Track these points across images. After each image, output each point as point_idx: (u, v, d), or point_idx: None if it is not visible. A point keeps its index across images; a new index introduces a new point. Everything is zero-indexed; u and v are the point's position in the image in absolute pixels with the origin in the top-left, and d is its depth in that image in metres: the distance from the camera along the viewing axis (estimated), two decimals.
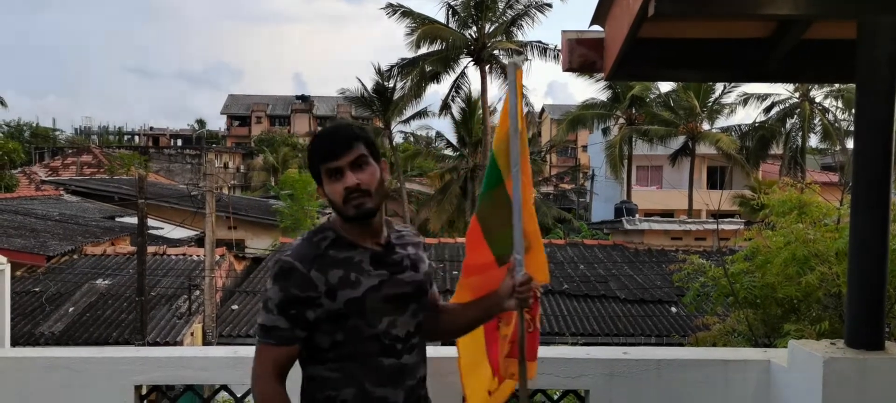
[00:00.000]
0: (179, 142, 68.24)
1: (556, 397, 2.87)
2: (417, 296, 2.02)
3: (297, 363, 1.96)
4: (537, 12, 26.11)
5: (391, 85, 27.96)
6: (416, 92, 27.30)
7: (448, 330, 2.24)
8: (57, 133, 67.34)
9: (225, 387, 2.81)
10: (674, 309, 13.60)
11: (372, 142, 1.97)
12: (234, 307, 14.43)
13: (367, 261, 1.93)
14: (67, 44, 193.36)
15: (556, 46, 25.68)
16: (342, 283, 1.88)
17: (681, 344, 9.67)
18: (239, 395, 2.82)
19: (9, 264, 5.64)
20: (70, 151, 43.46)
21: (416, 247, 2.11)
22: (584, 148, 48.85)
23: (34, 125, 64.35)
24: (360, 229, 1.96)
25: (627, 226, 20.05)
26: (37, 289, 13.74)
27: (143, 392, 2.80)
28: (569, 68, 2.90)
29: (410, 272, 2.01)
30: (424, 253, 2.13)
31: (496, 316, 2.27)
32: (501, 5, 26.17)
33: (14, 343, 10.16)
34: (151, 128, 76.44)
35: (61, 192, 26.02)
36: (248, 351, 2.85)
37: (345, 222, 1.96)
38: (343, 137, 1.91)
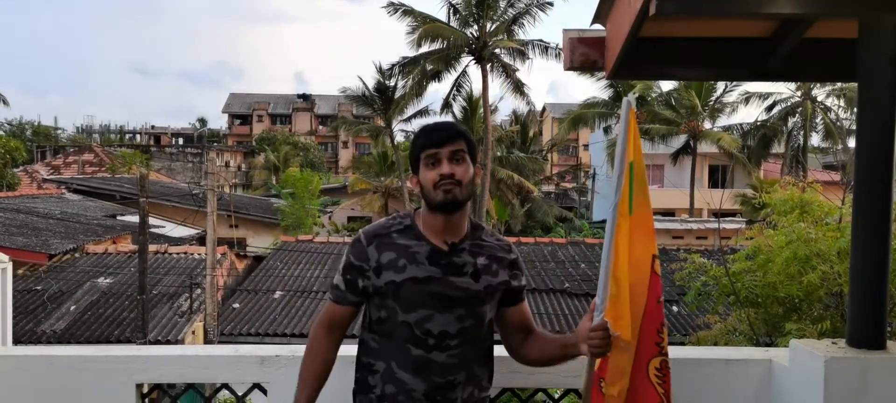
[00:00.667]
0: (181, 141, 68.29)
1: (556, 395, 2.87)
2: (468, 303, 2.05)
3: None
4: (538, 11, 26.11)
5: (392, 83, 27.97)
6: (418, 90, 27.29)
7: (532, 358, 2.25)
8: (59, 131, 67.46)
9: (226, 386, 2.81)
10: (675, 308, 13.60)
11: (473, 145, 2.09)
12: (236, 305, 14.43)
13: (424, 254, 2.04)
14: (69, 42, 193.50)
15: (557, 45, 25.67)
16: (389, 265, 2.03)
17: (682, 343, 9.66)
18: (240, 394, 2.82)
19: (10, 262, 5.66)
20: (72, 150, 43.51)
21: (496, 261, 2.12)
22: (586, 146, 48.83)
23: (36, 124, 64.47)
24: (439, 223, 2.04)
25: None
26: (38, 288, 13.75)
27: (145, 390, 2.80)
28: (570, 67, 2.89)
29: (468, 279, 2.05)
30: (506, 270, 2.14)
31: (572, 357, 2.19)
32: (503, 4, 26.15)
33: (16, 341, 10.21)
34: (153, 127, 76.52)
35: (63, 191, 26.04)
36: (249, 350, 2.86)
37: (430, 210, 2.05)
38: (448, 130, 2.07)
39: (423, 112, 29.05)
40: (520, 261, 2.21)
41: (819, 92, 30.58)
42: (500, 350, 2.31)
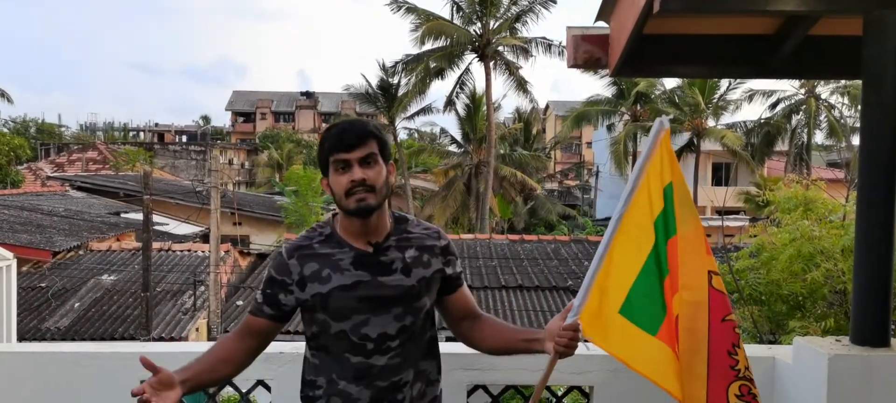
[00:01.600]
0: (184, 139, 68.34)
1: (560, 393, 2.87)
2: (404, 301, 1.99)
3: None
4: (542, 8, 26.10)
5: (396, 81, 27.96)
6: (421, 88, 27.28)
7: (489, 346, 2.18)
8: (62, 129, 67.56)
9: (230, 382, 2.82)
10: None
11: (385, 142, 1.98)
12: (239, 302, 14.46)
13: (349, 261, 1.97)
14: (73, 40, 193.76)
15: (560, 43, 25.64)
16: (313, 277, 1.96)
17: None
18: (244, 391, 2.83)
19: (15, 259, 5.68)
20: (76, 147, 43.61)
21: (427, 251, 2.05)
22: (589, 144, 48.79)
23: (40, 121, 64.57)
24: (358, 226, 1.97)
25: None
26: (43, 285, 13.79)
27: None
28: (574, 64, 2.89)
29: (399, 275, 1.98)
30: (438, 258, 2.07)
31: (533, 352, 2.11)
32: (506, 1, 26.13)
33: (20, 338, 10.24)
34: (156, 125, 76.61)
35: (67, 188, 26.10)
36: None
37: (345, 216, 1.98)
38: (356, 132, 1.93)
39: (426, 109, 29.06)
40: (451, 246, 2.12)
41: (823, 89, 30.51)
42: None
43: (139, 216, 15.62)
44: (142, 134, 74.66)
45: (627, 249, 2.07)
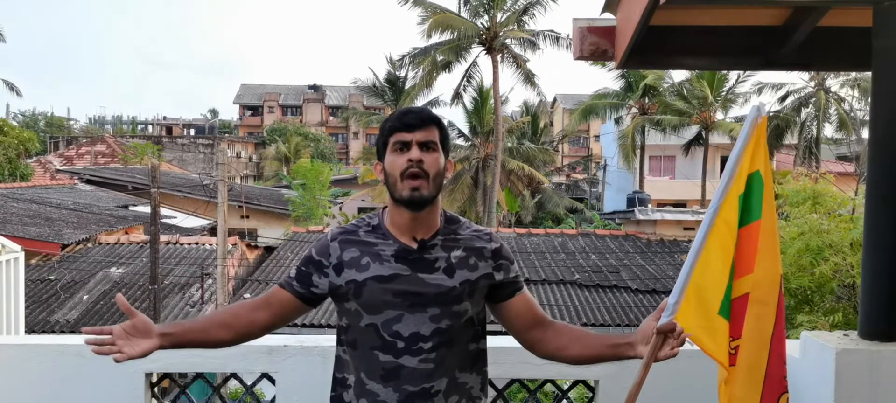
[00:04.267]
0: (192, 132, 68.51)
1: (565, 387, 2.86)
2: (442, 301, 1.86)
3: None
4: (549, 1, 25.97)
5: (403, 74, 27.97)
6: (428, 81, 27.23)
7: (570, 355, 2.00)
8: (71, 122, 67.86)
9: (234, 375, 2.83)
10: None
11: (447, 134, 1.93)
12: (247, 295, 14.50)
13: (390, 253, 1.88)
14: (83, 33, 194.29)
15: (568, 35, 25.53)
16: (351, 263, 1.89)
17: None
18: (249, 383, 2.83)
19: (23, 252, 5.69)
20: (84, 141, 43.77)
21: (475, 253, 1.93)
22: (597, 137, 48.66)
23: (49, 115, 64.89)
24: (407, 220, 1.88)
25: (640, 217, 19.98)
26: (51, 277, 13.87)
27: (154, 379, 2.82)
28: (580, 56, 2.87)
29: (441, 275, 1.87)
30: (487, 262, 1.94)
31: (621, 357, 1.98)
32: None
33: (29, 330, 10.30)
34: (165, 118, 76.87)
35: (76, 181, 26.23)
36: (259, 340, 2.86)
37: (395, 205, 1.89)
38: (420, 114, 1.89)
39: (433, 103, 29.00)
40: (505, 250, 1.99)
41: (833, 82, 30.29)
42: (508, 341, 2.19)
43: (147, 209, 15.68)
44: (150, 127, 74.93)
45: (721, 247, 1.95)
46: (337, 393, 1.96)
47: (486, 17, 26.20)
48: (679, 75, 31.08)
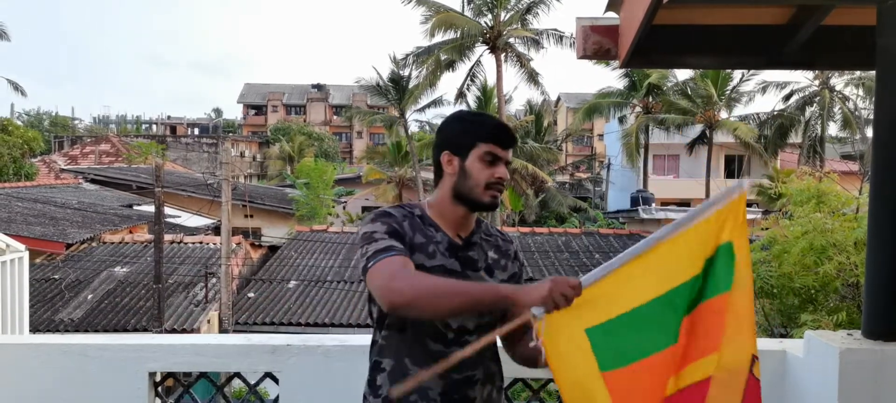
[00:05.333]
0: (196, 131, 68.66)
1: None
2: None
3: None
4: None
5: (406, 73, 27.93)
6: (432, 80, 27.23)
7: (521, 357, 2.07)
8: (76, 122, 68.08)
9: (238, 375, 2.83)
10: None
11: None
12: (251, 295, 14.52)
13: (444, 246, 1.96)
14: (87, 33, 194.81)
15: (572, 34, 25.49)
16: (421, 248, 1.92)
17: None
18: (252, 383, 2.84)
19: (27, 251, 5.71)
20: (89, 140, 43.89)
21: (503, 255, 2.07)
22: (601, 136, 48.57)
23: (53, 114, 65.09)
24: (459, 217, 1.99)
25: (644, 216, 19.96)
26: (56, 276, 13.90)
27: (158, 378, 2.82)
28: (583, 55, 2.86)
29: (482, 274, 1.99)
30: (513, 262, 2.09)
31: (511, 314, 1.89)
32: None
33: (34, 329, 10.32)
34: (169, 117, 77.01)
35: (80, 181, 26.29)
36: (261, 339, 2.88)
37: (454, 202, 1.98)
38: (513, 138, 2.02)
39: (436, 102, 29.01)
40: (520, 253, 2.17)
41: (837, 81, 30.18)
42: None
43: (151, 208, 15.71)
44: (154, 126, 75.06)
45: (654, 271, 1.86)
46: (372, 376, 1.98)
47: (489, 16, 26.19)
48: (683, 74, 31.06)
